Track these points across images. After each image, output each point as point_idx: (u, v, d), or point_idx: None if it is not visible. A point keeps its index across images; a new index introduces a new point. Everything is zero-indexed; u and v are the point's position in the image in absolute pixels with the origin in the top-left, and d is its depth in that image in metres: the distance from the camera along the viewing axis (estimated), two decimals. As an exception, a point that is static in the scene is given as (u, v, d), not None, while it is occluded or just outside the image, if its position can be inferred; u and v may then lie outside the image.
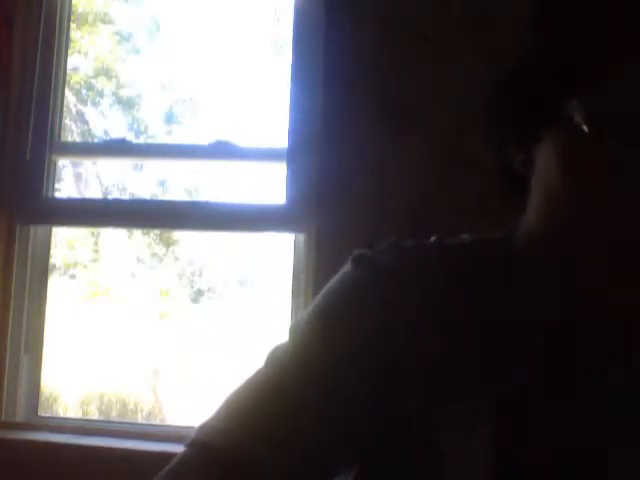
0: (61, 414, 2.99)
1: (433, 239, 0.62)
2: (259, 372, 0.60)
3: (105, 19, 2.91)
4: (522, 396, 0.55)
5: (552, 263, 0.56)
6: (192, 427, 0.59)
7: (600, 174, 0.49)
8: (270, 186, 2.06)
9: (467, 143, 1.34)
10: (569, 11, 0.50)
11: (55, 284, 3.01)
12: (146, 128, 3.17)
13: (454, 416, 0.54)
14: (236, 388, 0.60)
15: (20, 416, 1.63)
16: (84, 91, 3.01)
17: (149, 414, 3.07)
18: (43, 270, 1.69)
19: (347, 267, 0.61)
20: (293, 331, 0.61)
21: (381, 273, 0.59)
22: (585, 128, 0.48)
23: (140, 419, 3.02)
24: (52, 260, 1.93)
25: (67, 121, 2.76)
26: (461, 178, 1.41)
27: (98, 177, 3.05)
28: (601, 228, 0.50)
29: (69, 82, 2.29)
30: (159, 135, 3.18)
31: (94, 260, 3.26)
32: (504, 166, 0.58)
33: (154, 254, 3.29)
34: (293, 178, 1.57)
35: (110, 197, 3.07)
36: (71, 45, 1.91)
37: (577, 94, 0.49)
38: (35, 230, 1.68)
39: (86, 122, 3.01)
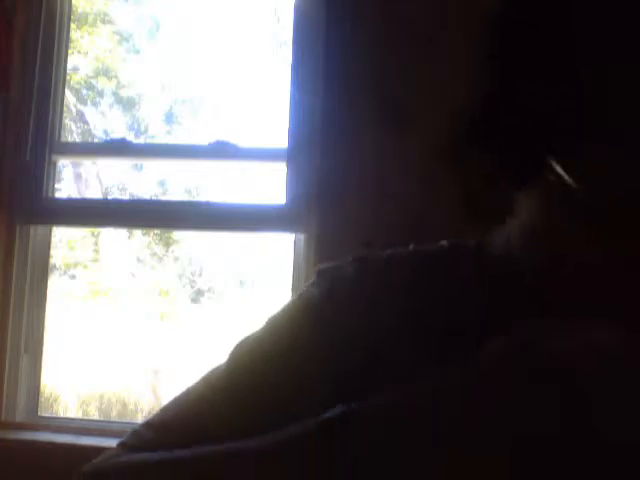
0: (61, 414, 2.99)
1: (411, 247, 0.63)
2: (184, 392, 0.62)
3: (105, 19, 2.91)
4: None
5: (525, 277, 0.57)
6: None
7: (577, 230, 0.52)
8: (270, 186, 2.06)
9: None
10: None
11: (55, 284, 3.01)
12: (146, 128, 3.18)
13: None
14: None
15: (20, 416, 1.63)
16: (84, 91, 3.02)
17: (149, 414, 3.07)
18: (43, 270, 1.69)
19: (311, 280, 0.62)
20: (238, 350, 0.61)
21: (338, 288, 0.59)
22: (570, 181, 0.50)
23: (140, 419, 3.02)
24: (52, 260, 1.93)
25: (67, 121, 2.77)
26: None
27: (98, 177, 3.05)
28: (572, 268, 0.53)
29: (69, 82, 2.29)
30: (159, 135, 3.18)
31: (94, 260, 3.26)
32: (474, 197, 0.59)
33: (154, 254, 3.29)
34: (293, 178, 1.57)
35: (110, 197, 3.07)
36: (71, 45, 1.91)
37: (558, 151, 0.50)
38: (35, 230, 1.68)
39: (86, 122, 3.01)
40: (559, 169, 0.51)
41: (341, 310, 0.58)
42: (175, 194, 3.12)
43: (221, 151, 1.66)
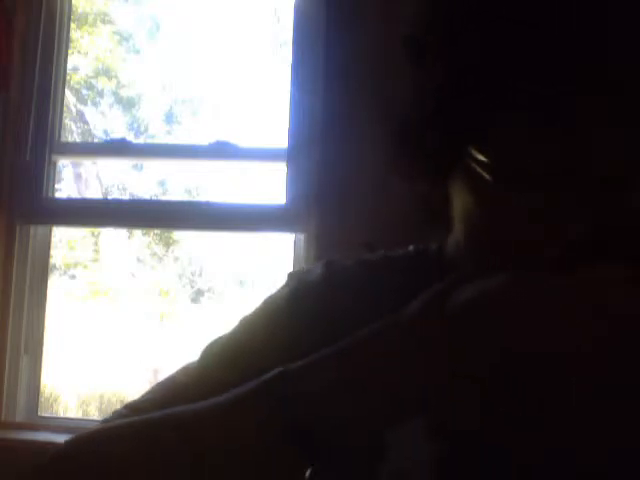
0: (61, 414, 2.99)
1: (380, 253, 0.64)
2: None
3: (105, 19, 2.92)
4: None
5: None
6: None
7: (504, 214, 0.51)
8: (270, 186, 2.07)
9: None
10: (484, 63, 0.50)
11: (55, 284, 3.01)
12: (146, 128, 3.18)
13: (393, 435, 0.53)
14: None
15: (20, 416, 1.63)
16: (84, 91, 3.02)
17: (149, 414, 3.07)
18: (43, 270, 1.69)
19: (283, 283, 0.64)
20: (209, 348, 0.63)
21: (302, 291, 0.61)
22: (485, 175, 0.51)
23: (140, 419, 3.02)
24: (52, 260, 1.93)
25: (67, 121, 2.77)
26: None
27: (98, 177, 3.05)
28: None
29: (69, 82, 2.29)
30: (159, 135, 3.18)
31: (94, 260, 3.26)
32: (420, 198, 0.61)
33: (154, 254, 3.29)
34: (293, 178, 1.57)
35: (110, 197, 3.07)
36: (71, 45, 1.91)
37: (476, 142, 0.51)
38: (35, 230, 1.68)
39: (86, 122, 3.02)
40: (473, 151, 0.51)
41: (318, 310, 0.59)
42: (175, 194, 3.12)
43: (221, 151, 1.66)
